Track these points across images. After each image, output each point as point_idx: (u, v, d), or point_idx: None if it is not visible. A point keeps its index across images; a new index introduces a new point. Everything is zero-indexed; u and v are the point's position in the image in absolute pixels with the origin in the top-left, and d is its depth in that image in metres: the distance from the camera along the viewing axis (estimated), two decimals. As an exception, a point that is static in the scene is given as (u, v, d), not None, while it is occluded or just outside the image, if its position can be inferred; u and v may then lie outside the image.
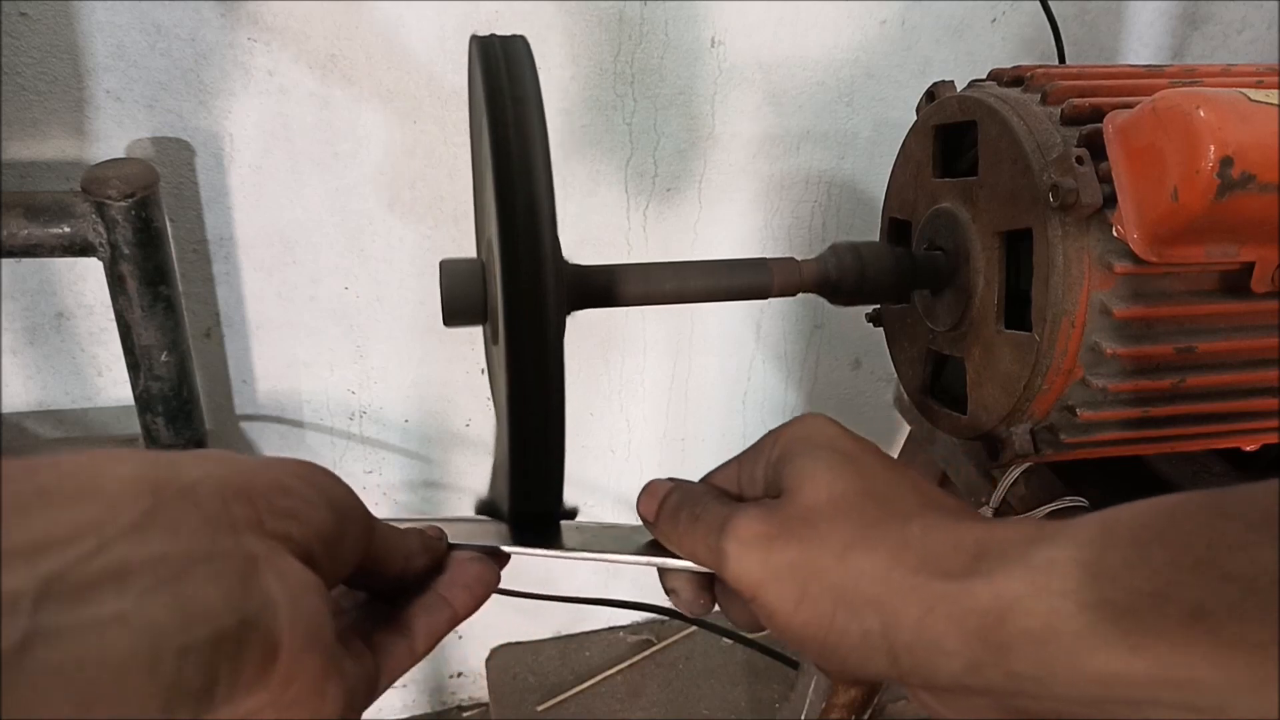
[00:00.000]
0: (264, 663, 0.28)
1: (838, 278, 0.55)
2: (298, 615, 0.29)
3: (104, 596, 0.25)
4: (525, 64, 0.40)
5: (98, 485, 0.27)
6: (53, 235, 0.83)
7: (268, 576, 0.29)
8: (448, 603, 0.39)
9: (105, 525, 0.26)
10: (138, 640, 0.25)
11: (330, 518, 0.33)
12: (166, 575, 0.26)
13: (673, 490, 0.43)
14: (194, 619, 0.26)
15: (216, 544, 0.28)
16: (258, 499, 0.30)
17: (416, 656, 0.38)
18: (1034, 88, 0.54)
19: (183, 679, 0.26)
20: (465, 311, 0.46)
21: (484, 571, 0.41)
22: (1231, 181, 0.43)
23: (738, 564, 0.37)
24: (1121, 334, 0.50)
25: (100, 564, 0.25)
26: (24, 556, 0.24)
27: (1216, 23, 1.18)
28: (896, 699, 1.09)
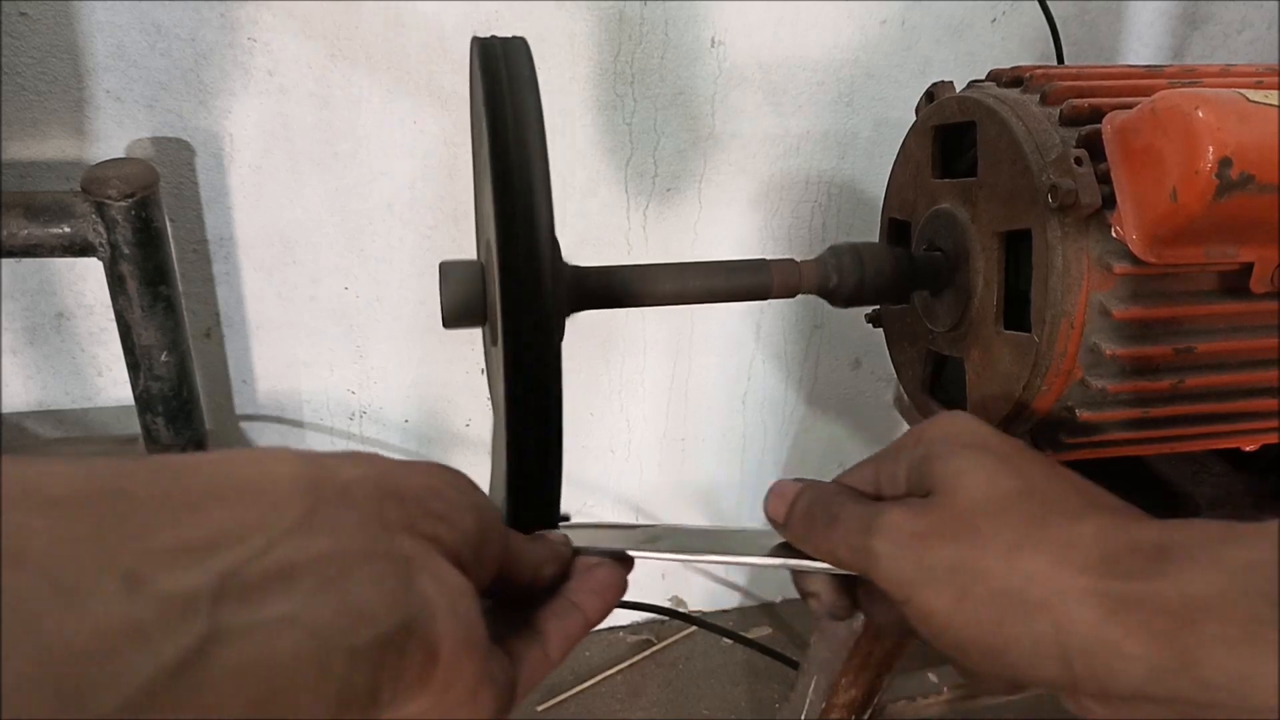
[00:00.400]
0: (425, 666, 0.28)
1: (837, 279, 0.55)
2: (455, 618, 0.29)
3: (274, 596, 0.24)
4: (525, 66, 0.40)
5: (261, 484, 0.26)
6: (53, 235, 0.83)
7: (424, 578, 0.28)
8: (579, 609, 0.38)
9: (271, 524, 0.25)
10: (308, 642, 0.24)
11: (475, 523, 0.32)
12: (331, 575, 0.26)
13: (803, 491, 0.41)
14: (360, 620, 0.26)
15: (375, 544, 0.28)
16: (409, 501, 0.30)
17: (551, 664, 0.37)
18: (1033, 88, 0.54)
19: (351, 682, 0.25)
20: (465, 314, 0.46)
21: (613, 576, 0.40)
22: (1230, 182, 0.43)
23: (890, 564, 0.36)
24: (1121, 335, 0.50)
25: (269, 562, 0.24)
26: (198, 554, 0.23)
27: (1216, 23, 1.18)
28: (896, 699, 1.09)
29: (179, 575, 0.22)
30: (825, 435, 1.37)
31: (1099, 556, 0.33)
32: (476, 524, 0.32)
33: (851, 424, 1.37)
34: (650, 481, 1.34)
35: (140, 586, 0.22)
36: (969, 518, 0.35)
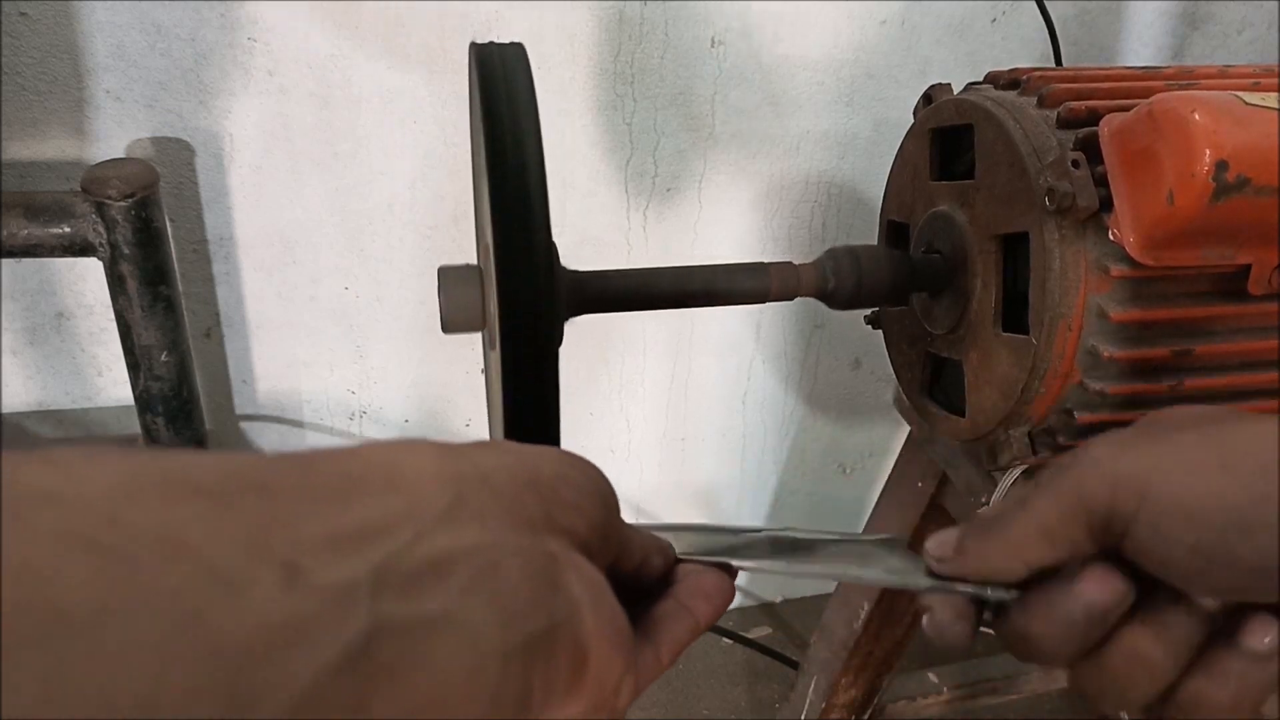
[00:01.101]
0: (576, 669, 0.26)
1: (835, 282, 0.55)
2: (601, 616, 0.27)
3: (430, 589, 0.22)
4: (522, 72, 0.41)
5: (403, 474, 0.25)
6: (53, 235, 0.83)
7: (568, 575, 0.27)
8: (690, 612, 0.36)
9: (419, 514, 0.24)
10: (464, 642, 0.22)
11: (603, 511, 0.31)
12: (483, 568, 0.24)
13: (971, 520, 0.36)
14: (511, 619, 0.24)
15: (521, 537, 0.26)
16: (545, 490, 0.28)
17: (663, 666, 0.34)
18: (1030, 91, 0.54)
19: (504, 687, 0.23)
20: (464, 320, 0.46)
21: (722, 581, 0.38)
22: (1227, 185, 0.43)
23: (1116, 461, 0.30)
24: (1119, 337, 0.50)
25: (422, 553, 0.23)
26: (350, 545, 0.22)
27: (1216, 23, 1.18)
28: (896, 699, 1.09)
29: (336, 566, 0.21)
30: (825, 435, 1.37)
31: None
32: (604, 512, 0.31)
33: (851, 424, 1.37)
34: (650, 481, 1.34)
35: (299, 577, 0.20)
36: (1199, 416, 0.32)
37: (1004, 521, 0.33)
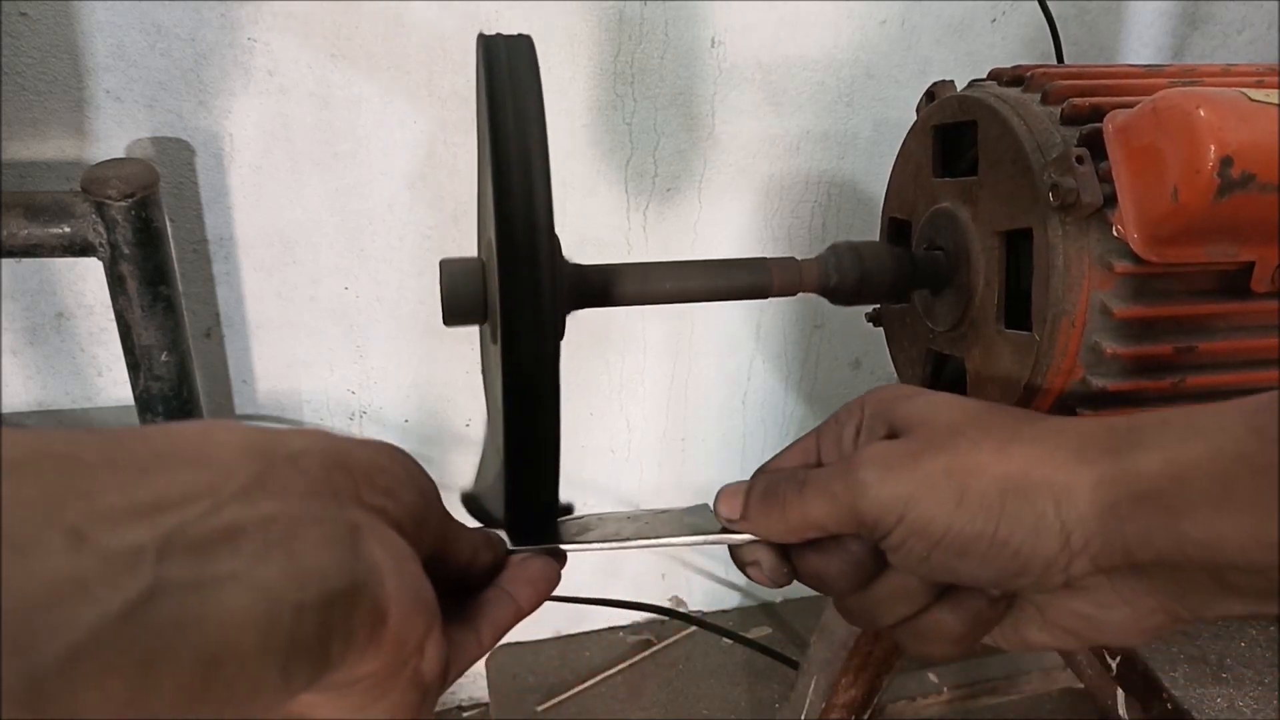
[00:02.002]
0: (375, 625, 0.29)
1: (837, 278, 0.55)
2: (403, 580, 0.30)
3: (220, 555, 0.25)
4: (528, 65, 0.40)
5: (210, 451, 0.27)
6: (53, 235, 0.83)
7: (371, 544, 0.29)
8: (512, 598, 0.39)
9: (218, 488, 0.26)
10: (253, 598, 0.25)
11: (419, 498, 0.34)
12: (277, 536, 0.26)
13: (754, 481, 0.42)
14: (306, 578, 0.26)
15: (323, 509, 0.28)
16: (357, 473, 0.31)
17: (483, 649, 0.38)
18: (1034, 87, 0.54)
19: (298, 637, 0.26)
20: (465, 311, 0.46)
21: (546, 567, 0.41)
22: (1231, 181, 0.43)
23: (881, 487, 0.37)
24: (1122, 334, 0.50)
25: (215, 523, 0.25)
26: (144, 514, 0.24)
27: (1216, 23, 1.18)
28: (896, 699, 1.09)
29: (123, 532, 0.23)
30: (825, 435, 1.37)
31: (1081, 441, 0.35)
32: (419, 499, 0.33)
33: (851, 424, 1.37)
34: (650, 481, 1.34)
35: (84, 542, 0.23)
36: (954, 430, 0.37)
37: (783, 501, 0.40)
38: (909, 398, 0.41)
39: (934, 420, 0.39)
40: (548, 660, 1.39)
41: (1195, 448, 0.33)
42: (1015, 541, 0.35)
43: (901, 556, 0.37)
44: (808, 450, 0.44)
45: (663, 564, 1.42)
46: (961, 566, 0.36)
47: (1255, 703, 0.51)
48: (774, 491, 0.40)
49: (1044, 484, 0.35)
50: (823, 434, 0.44)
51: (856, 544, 0.40)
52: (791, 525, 0.40)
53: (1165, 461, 0.33)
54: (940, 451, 0.37)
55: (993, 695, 1.15)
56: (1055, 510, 0.34)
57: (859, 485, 0.37)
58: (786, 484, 0.40)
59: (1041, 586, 0.36)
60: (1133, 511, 0.33)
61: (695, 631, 1.42)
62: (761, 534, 0.41)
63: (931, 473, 0.36)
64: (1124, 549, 0.34)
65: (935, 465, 0.36)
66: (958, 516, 0.35)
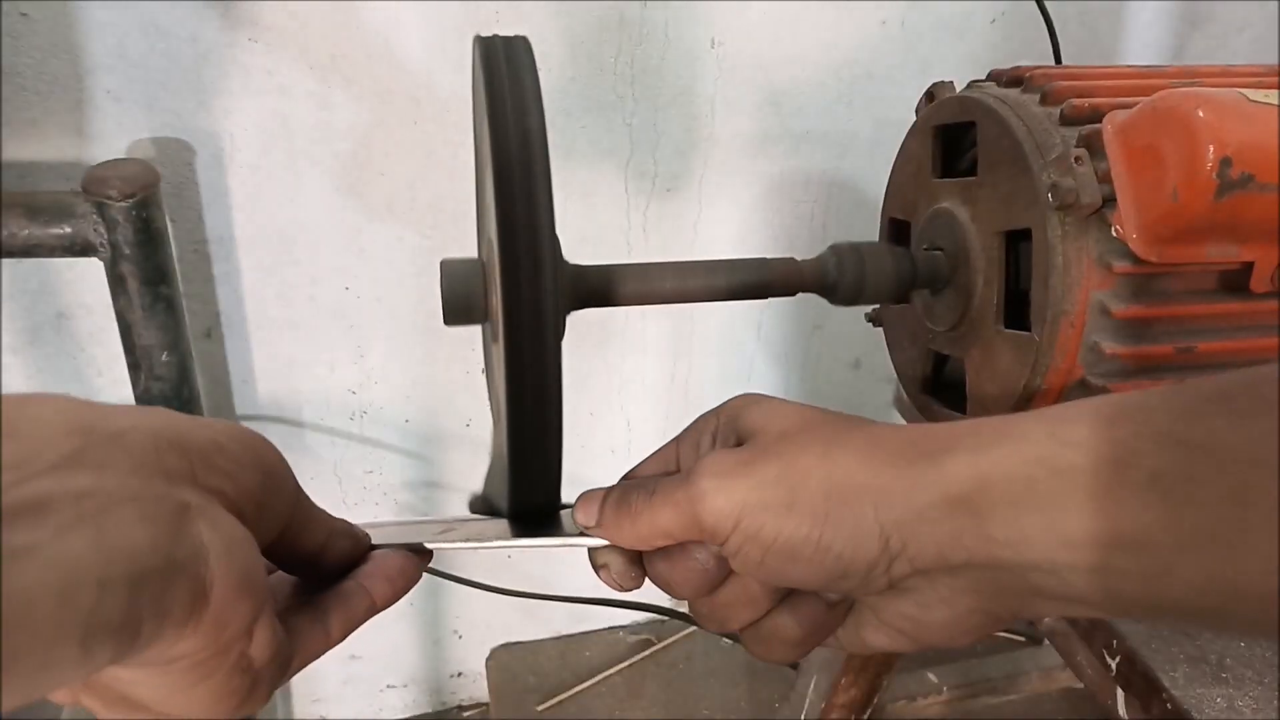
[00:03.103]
0: (193, 605, 0.29)
1: (837, 278, 0.55)
2: (231, 562, 0.30)
3: (21, 527, 0.25)
4: (526, 65, 0.40)
5: (21, 424, 0.27)
6: (53, 235, 0.83)
7: (199, 524, 0.29)
8: (366, 592, 0.39)
9: (28, 461, 0.26)
10: (48, 572, 0.25)
11: (261, 481, 0.33)
12: (89, 511, 0.26)
13: (610, 489, 0.43)
14: (114, 555, 0.26)
15: (146, 488, 0.28)
16: (192, 453, 0.31)
17: (331, 642, 0.38)
18: (1033, 88, 0.54)
19: (101, 613, 0.26)
20: (465, 311, 0.46)
21: (405, 564, 0.41)
22: (1231, 181, 0.43)
23: (716, 495, 0.38)
24: (1121, 334, 0.50)
25: (19, 495, 0.25)
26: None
27: (1216, 23, 1.18)
28: (896, 699, 1.09)
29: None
30: (825, 435, 1.37)
31: (899, 446, 0.37)
32: (261, 481, 0.33)
33: (851, 424, 1.37)
34: (650, 482, 1.34)
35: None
36: (785, 437, 0.39)
37: (634, 510, 0.40)
38: (754, 404, 0.42)
39: (769, 427, 0.40)
40: (548, 660, 1.39)
41: (1000, 452, 0.35)
42: (838, 545, 0.36)
43: (740, 562, 0.38)
44: (668, 458, 0.45)
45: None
46: (792, 570, 0.37)
47: (1255, 703, 0.51)
48: (626, 499, 0.41)
49: (864, 488, 0.36)
50: (682, 441, 0.45)
51: (701, 551, 0.40)
52: (640, 533, 0.41)
53: (972, 465, 0.35)
54: (772, 458, 0.38)
55: (993, 695, 1.15)
56: (874, 514, 0.36)
57: (699, 494, 0.38)
58: (638, 492, 0.41)
59: (867, 589, 0.37)
60: (943, 514, 0.35)
61: (695, 631, 1.42)
62: (614, 540, 0.42)
63: (764, 480, 0.37)
64: (937, 551, 0.35)
65: (767, 472, 0.37)
66: (787, 522, 0.36)
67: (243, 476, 0.32)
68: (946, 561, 0.35)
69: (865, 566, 0.36)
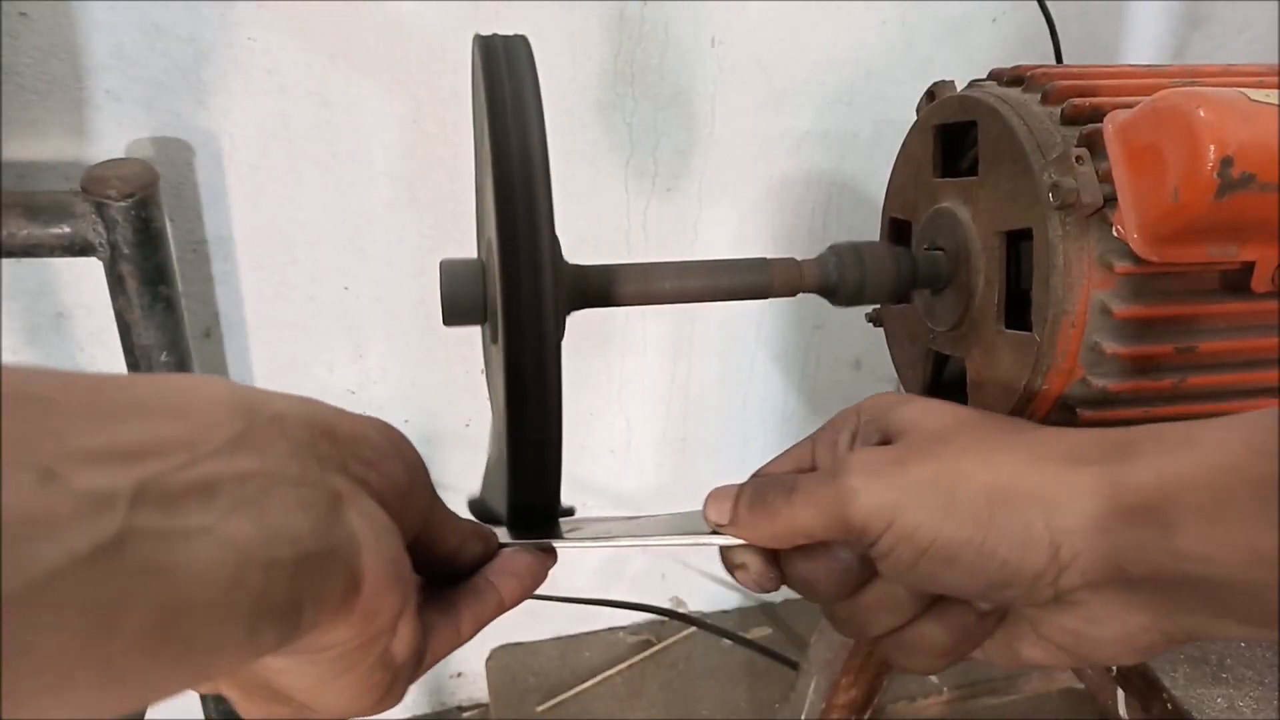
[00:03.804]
0: (348, 592, 0.28)
1: (838, 278, 0.55)
2: (381, 552, 0.29)
3: (192, 507, 0.24)
4: (526, 64, 0.40)
5: (191, 404, 0.27)
6: (52, 235, 0.83)
7: (351, 512, 0.29)
8: (495, 589, 0.39)
9: (197, 442, 0.26)
10: (221, 552, 0.24)
11: (404, 474, 0.33)
12: (253, 494, 0.26)
13: (744, 485, 0.42)
14: (279, 538, 0.26)
15: (305, 472, 0.28)
16: (342, 442, 0.30)
17: (461, 639, 0.37)
18: (1034, 87, 0.54)
19: (266, 596, 0.25)
20: (465, 312, 0.46)
21: (533, 563, 0.40)
22: (1232, 181, 0.43)
23: (868, 495, 0.36)
24: (1122, 334, 0.50)
25: (190, 476, 0.25)
26: (119, 459, 0.24)
27: (1217, 23, 1.18)
28: (896, 699, 1.09)
29: (96, 476, 0.23)
30: (825, 435, 1.37)
31: (1069, 450, 0.35)
32: (405, 475, 0.33)
33: (851, 424, 1.37)
34: (650, 482, 1.34)
35: (55, 481, 0.22)
36: (942, 437, 0.37)
37: (772, 508, 0.39)
38: (902, 403, 0.41)
39: (923, 426, 0.39)
40: (548, 660, 1.39)
41: (1188, 460, 0.33)
42: (1003, 551, 0.34)
43: (889, 564, 0.37)
44: (802, 456, 0.44)
45: (663, 565, 1.41)
46: (949, 576, 0.36)
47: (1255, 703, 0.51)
48: (762, 497, 0.40)
49: (1032, 494, 0.34)
50: (818, 440, 0.44)
51: (845, 551, 0.39)
52: (778, 531, 0.40)
53: (1158, 474, 0.33)
54: (928, 458, 0.37)
55: (993, 695, 1.15)
56: (1044, 521, 0.34)
57: (847, 491, 0.37)
58: (775, 489, 0.40)
59: (1030, 599, 0.36)
60: (1125, 525, 0.33)
61: (695, 632, 1.42)
62: (750, 538, 0.41)
63: (919, 480, 0.36)
64: (1115, 563, 0.33)
65: (923, 472, 0.36)
66: (946, 525, 0.35)
67: (388, 468, 0.32)
68: (1124, 575, 0.33)
69: (1031, 576, 0.34)
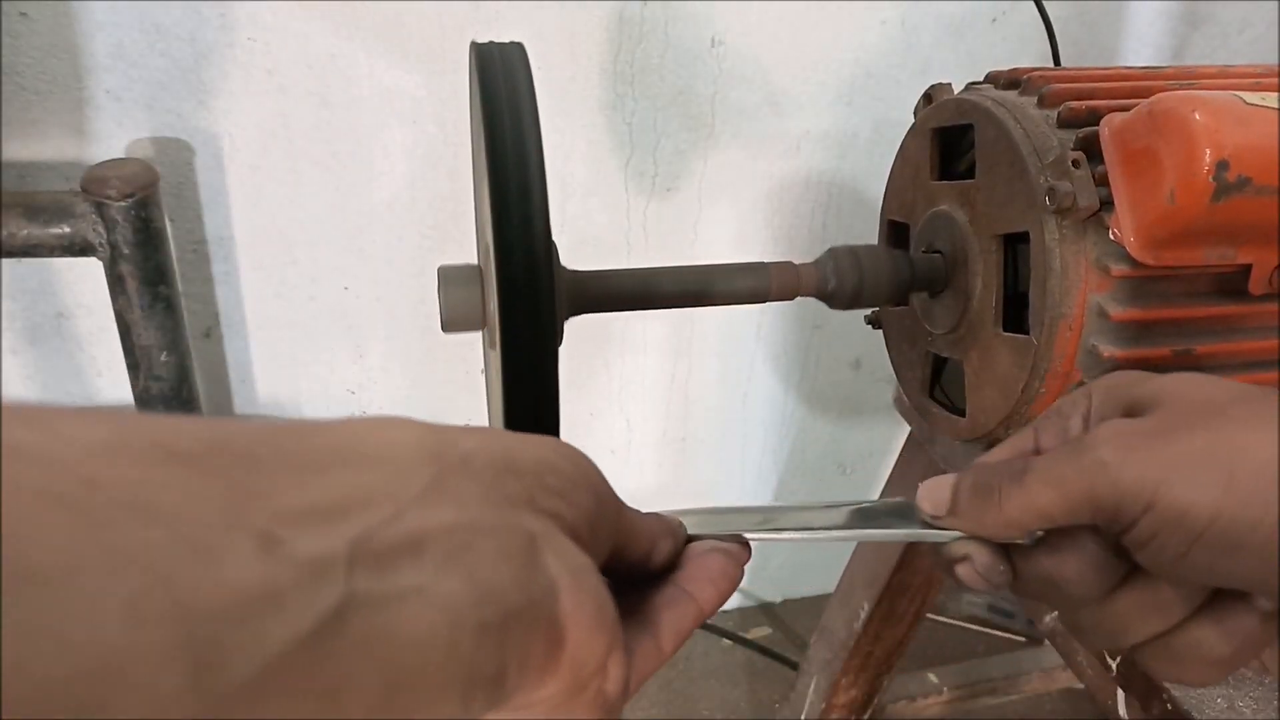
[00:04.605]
0: (551, 647, 0.26)
1: (835, 282, 0.55)
2: (581, 595, 0.27)
3: (405, 566, 0.23)
4: (522, 72, 0.40)
5: (386, 450, 0.25)
6: (53, 235, 0.83)
7: (548, 555, 0.26)
8: (692, 598, 0.35)
9: (399, 491, 0.24)
10: (438, 615, 0.23)
11: (592, 498, 0.30)
12: (458, 547, 0.24)
13: (964, 474, 0.37)
14: (487, 595, 0.24)
15: (500, 518, 0.26)
16: (527, 475, 0.28)
17: (664, 656, 0.34)
18: (1031, 90, 0.54)
19: (478, 661, 0.23)
20: (464, 320, 0.46)
21: (728, 564, 0.37)
22: (1228, 184, 0.43)
23: (1122, 468, 0.31)
24: (1119, 336, 0.50)
25: (399, 530, 0.23)
26: (329, 517, 0.22)
27: (1216, 23, 1.18)
28: (896, 699, 1.09)
29: (312, 538, 0.21)
30: (825, 435, 1.37)
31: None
32: (593, 499, 0.30)
33: (851, 424, 1.37)
34: (650, 482, 1.34)
35: (275, 548, 0.20)
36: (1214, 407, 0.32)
37: (1002, 495, 0.34)
38: (1151, 377, 0.36)
39: (1188, 395, 0.33)
40: (548, 659, 1.39)
41: None
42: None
43: (1152, 554, 0.32)
44: (1022, 445, 0.38)
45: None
46: (1232, 566, 0.31)
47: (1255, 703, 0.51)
48: (987, 483, 0.35)
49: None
50: (1041, 427, 0.38)
51: (1095, 540, 0.34)
52: (1010, 517, 0.34)
53: None
54: (1199, 429, 0.31)
55: (993, 695, 1.15)
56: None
57: (1096, 465, 0.32)
58: (1002, 475, 0.35)
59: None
60: None
61: (695, 632, 1.42)
62: (973, 529, 0.36)
63: (1189, 452, 0.31)
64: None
65: (1193, 444, 0.31)
66: (1226, 502, 0.30)
67: (577, 496, 0.29)
68: None
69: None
